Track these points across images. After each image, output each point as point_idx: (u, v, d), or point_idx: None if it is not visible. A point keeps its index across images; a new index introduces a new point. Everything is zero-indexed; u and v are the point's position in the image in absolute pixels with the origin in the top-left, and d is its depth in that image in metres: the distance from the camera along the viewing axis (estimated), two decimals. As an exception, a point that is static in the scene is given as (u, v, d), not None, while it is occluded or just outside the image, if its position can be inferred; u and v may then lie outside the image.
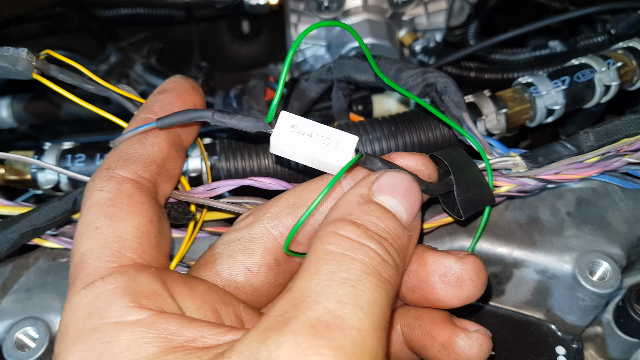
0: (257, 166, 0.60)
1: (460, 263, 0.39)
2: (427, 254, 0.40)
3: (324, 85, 0.66)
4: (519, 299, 0.57)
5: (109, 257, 0.35)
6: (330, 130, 0.37)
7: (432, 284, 0.39)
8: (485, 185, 0.46)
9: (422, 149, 0.61)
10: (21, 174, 0.61)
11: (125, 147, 0.41)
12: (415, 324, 0.41)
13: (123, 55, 0.85)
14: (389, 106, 0.82)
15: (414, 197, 0.37)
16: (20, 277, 0.54)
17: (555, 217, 0.56)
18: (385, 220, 0.35)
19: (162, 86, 0.46)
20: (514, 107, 0.63)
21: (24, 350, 0.49)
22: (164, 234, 0.40)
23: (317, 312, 0.29)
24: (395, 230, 0.35)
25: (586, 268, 0.52)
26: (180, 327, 0.32)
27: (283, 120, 0.37)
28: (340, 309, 0.29)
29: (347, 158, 0.37)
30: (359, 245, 0.33)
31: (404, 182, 0.37)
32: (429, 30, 0.91)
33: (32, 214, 0.48)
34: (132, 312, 0.32)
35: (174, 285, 0.36)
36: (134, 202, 0.38)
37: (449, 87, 0.54)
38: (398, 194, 0.36)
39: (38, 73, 0.48)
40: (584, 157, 0.51)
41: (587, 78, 0.65)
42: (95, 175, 0.39)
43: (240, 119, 0.38)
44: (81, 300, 0.33)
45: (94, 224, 0.36)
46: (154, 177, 0.41)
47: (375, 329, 0.30)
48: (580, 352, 0.53)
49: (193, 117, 0.40)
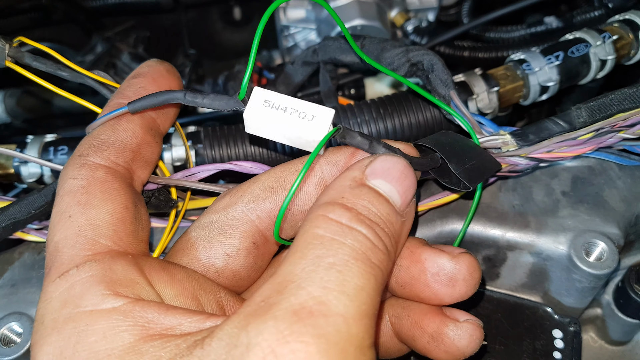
0: (243, 153, 0.58)
1: (454, 262, 0.37)
2: (419, 250, 0.38)
3: (309, 68, 0.65)
4: (514, 282, 0.55)
5: (84, 245, 0.34)
6: (306, 104, 0.36)
7: (424, 281, 0.38)
8: (485, 153, 0.44)
9: (412, 131, 0.59)
10: (4, 168, 0.60)
11: (98, 134, 0.40)
12: (404, 314, 0.40)
13: (109, 45, 0.84)
14: (382, 89, 0.80)
15: (409, 183, 0.35)
16: (5, 272, 0.53)
17: (550, 197, 0.54)
18: (377, 204, 0.33)
19: (137, 70, 0.45)
20: (506, 85, 0.61)
21: (10, 346, 0.49)
22: (141, 220, 0.39)
23: (301, 298, 0.28)
24: (388, 216, 0.34)
25: (582, 249, 0.51)
26: (157, 315, 0.31)
27: (256, 96, 0.36)
28: (325, 295, 0.28)
29: (323, 132, 0.35)
30: (348, 229, 0.31)
31: (398, 167, 0.35)
32: (421, 9, 0.89)
33: (11, 207, 0.47)
34: (107, 300, 0.31)
35: (152, 272, 0.35)
36: (108, 188, 0.37)
37: (436, 64, 0.52)
38: (392, 178, 0.35)
39: (11, 61, 0.47)
40: (577, 134, 0.49)
41: (582, 53, 0.63)
42: (68, 163, 0.38)
43: (212, 97, 0.37)
44: (56, 290, 0.32)
45: (67, 212, 0.35)
46: (129, 163, 0.40)
47: (362, 316, 0.29)
48: (577, 334, 0.51)
49: (165, 99, 0.39)
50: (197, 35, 1.07)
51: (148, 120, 0.42)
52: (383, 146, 0.37)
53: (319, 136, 0.35)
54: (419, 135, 0.60)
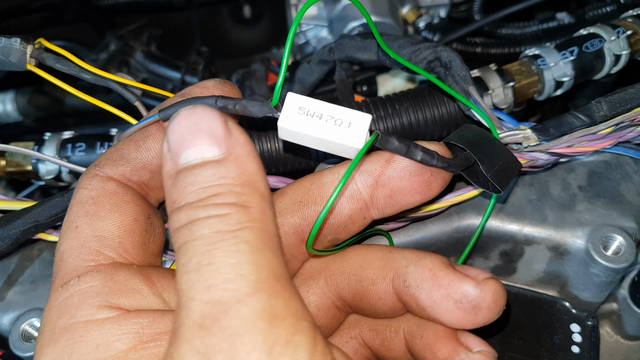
0: (260, 150, 0.59)
1: (478, 289, 0.35)
2: (442, 273, 0.36)
3: (326, 67, 0.65)
4: (531, 276, 0.56)
5: (87, 256, 0.34)
6: (341, 109, 0.35)
7: (446, 307, 0.36)
8: (506, 151, 0.44)
9: (428, 126, 0.59)
10: (22, 166, 0.61)
11: (121, 147, 0.39)
12: (418, 333, 0.39)
13: (122, 43, 0.84)
14: (394, 86, 0.80)
15: (206, 124, 0.30)
16: (25, 269, 0.53)
17: (567, 192, 0.54)
18: (197, 178, 0.29)
19: (188, 89, 0.42)
20: (521, 80, 0.61)
21: (31, 342, 0.49)
22: (154, 233, 0.38)
23: (196, 309, 0.26)
24: (214, 175, 0.29)
25: (600, 243, 0.51)
26: (152, 320, 0.31)
27: (290, 102, 0.35)
28: (214, 294, 0.26)
29: (361, 138, 0.34)
30: (191, 225, 0.29)
31: (184, 123, 0.30)
32: (433, 6, 0.89)
33: (35, 210, 0.47)
34: (102, 311, 0.31)
35: (161, 280, 0.35)
36: (117, 200, 0.36)
37: (454, 60, 0.52)
38: (190, 140, 0.30)
39: (33, 64, 0.47)
40: (597, 129, 0.49)
41: (596, 48, 0.63)
42: (85, 172, 0.38)
43: (244, 104, 0.37)
44: (57, 299, 0.33)
45: (75, 223, 0.35)
46: (144, 182, 0.39)
47: (259, 287, 0.27)
48: (595, 329, 0.51)
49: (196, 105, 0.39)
50: (206, 33, 1.08)
51: None
52: (421, 150, 0.36)
53: (356, 143, 0.35)
54: (435, 131, 0.60)
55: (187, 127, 0.30)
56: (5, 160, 0.61)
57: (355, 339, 0.43)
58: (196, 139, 0.30)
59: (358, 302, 0.41)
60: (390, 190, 0.39)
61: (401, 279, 0.38)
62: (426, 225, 0.53)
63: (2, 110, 0.91)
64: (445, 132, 0.60)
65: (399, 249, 0.40)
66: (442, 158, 0.37)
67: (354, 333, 0.43)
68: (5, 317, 0.51)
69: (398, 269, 0.38)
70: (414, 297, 0.37)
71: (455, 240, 0.54)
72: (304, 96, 0.35)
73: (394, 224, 0.51)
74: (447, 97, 0.59)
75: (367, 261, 0.40)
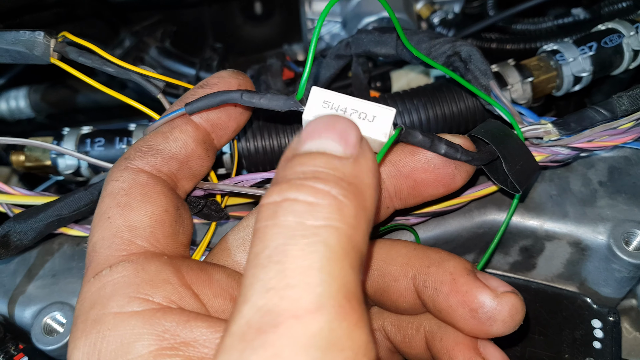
0: (278, 144, 0.58)
1: (495, 302, 0.35)
2: (463, 280, 0.36)
3: (342, 61, 0.65)
4: (551, 272, 0.55)
5: (119, 246, 0.34)
6: (365, 103, 0.35)
7: (461, 314, 0.36)
8: (527, 152, 0.44)
9: (446, 121, 0.59)
10: (40, 161, 0.61)
11: (149, 139, 0.40)
12: (438, 335, 0.39)
13: (137, 39, 0.84)
14: (408, 81, 0.80)
15: (342, 126, 0.29)
16: (46, 263, 0.54)
17: (587, 187, 0.54)
18: (310, 162, 0.28)
19: (206, 80, 0.43)
20: (539, 75, 0.61)
21: (53, 335, 0.49)
22: (183, 224, 0.39)
23: (246, 314, 0.23)
24: (326, 164, 0.28)
25: (621, 238, 0.51)
26: (176, 325, 0.30)
27: (314, 96, 0.35)
28: (270, 300, 0.23)
29: (385, 132, 0.35)
30: (279, 204, 0.26)
31: (323, 120, 0.30)
32: (447, 1, 0.89)
33: (58, 204, 0.47)
34: (132, 304, 0.31)
35: (190, 273, 0.35)
36: (148, 191, 0.37)
37: (474, 55, 0.52)
38: (320, 133, 0.29)
39: (56, 57, 0.47)
40: (618, 123, 0.49)
41: (615, 43, 0.63)
42: (115, 164, 0.39)
43: (269, 97, 0.37)
44: (89, 290, 0.33)
45: (107, 214, 0.36)
46: (173, 172, 0.40)
47: (323, 301, 0.23)
48: (617, 324, 0.51)
49: (222, 99, 0.39)
50: (218, 29, 1.08)
51: (202, 134, 0.41)
52: (445, 143, 0.37)
53: (380, 136, 0.35)
54: (453, 126, 0.60)
55: (322, 123, 0.30)
56: (25, 155, 0.61)
57: (379, 331, 0.43)
58: (325, 134, 0.29)
59: (379, 296, 0.41)
60: (414, 181, 0.39)
61: (422, 278, 0.38)
62: (446, 221, 0.53)
63: (15, 106, 0.91)
64: (464, 127, 0.60)
65: (423, 247, 0.40)
66: (466, 151, 0.37)
67: (377, 325, 0.43)
68: (27, 311, 0.51)
69: (420, 268, 0.38)
70: (432, 299, 0.37)
71: (475, 236, 0.53)
72: (328, 90, 0.35)
73: (414, 219, 0.51)
74: (466, 92, 0.59)
75: (391, 257, 0.40)
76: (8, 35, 0.46)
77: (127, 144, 0.59)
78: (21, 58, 0.47)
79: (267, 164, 0.59)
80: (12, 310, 0.51)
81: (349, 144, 0.29)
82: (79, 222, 0.51)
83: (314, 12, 0.88)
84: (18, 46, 0.47)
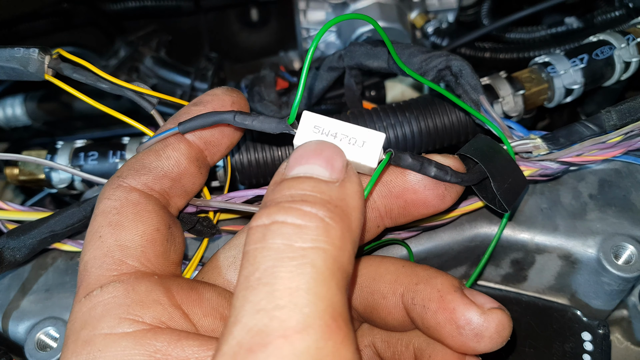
0: (271, 157, 0.59)
1: (482, 318, 0.35)
2: (450, 297, 0.36)
3: (335, 73, 0.65)
4: (541, 284, 0.56)
5: (110, 266, 0.35)
6: (355, 128, 0.36)
7: (449, 331, 0.36)
8: (516, 168, 0.44)
9: (438, 134, 0.59)
10: (34, 175, 0.61)
11: (142, 157, 0.40)
12: (426, 352, 0.39)
13: (132, 49, 0.84)
14: (402, 91, 0.81)
15: (328, 152, 0.31)
16: (39, 278, 0.54)
17: (578, 200, 0.55)
18: (298, 185, 0.30)
19: (200, 98, 0.43)
20: (531, 88, 0.62)
21: (46, 351, 0.50)
22: (174, 243, 0.39)
23: (237, 335, 0.25)
24: (313, 188, 0.29)
25: (611, 252, 0.51)
26: (167, 345, 0.31)
27: (305, 121, 0.36)
28: (260, 320, 0.24)
29: (375, 156, 0.35)
30: (268, 227, 0.27)
31: (310, 146, 0.32)
32: (441, 10, 0.89)
33: (51, 220, 0.48)
34: (122, 325, 0.32)
35: (180, 292, 0.35)
36: (140, 210, 0.37)
37: (465, 69, 0.52)
38: (307, 159, 0.31)
39: (50, 74, 0.47)
40: (607, 137, 0.49)
41: (606, 55, 0.63)
42: (107, 182, 0.39)
43: (262, 120, 0.37)
44: (80, 310, 0.33)
45: (98, 233, 0.36)
46: (166, 190, 0.40)
47: (310, 322, 0.24)
48: (606, 337, 0.52)
49: (215, 120, 0.39)
50: (214, 37, 1.08)
51: (195, 151, 0.42)
52: (434, 166, 0.37)
53: (370, 162, 0.35)
54: (445, 138, 0.60)
55: (310, 149, 0.32)
56: (19, 169, 0.62)
57: (369, 348, 0.43)
58: (313, 159, 0.31)
59: (369, 314, 0.41)
60: (405, 201, 0.40)
61: (410, 295, 0.38)
62: (438, 235, 0.53)
63: (12, 114, 0.91)
64: (455, 139, 0.60)
65: (412, 264, 0.40)
66: (456, 173, 0.37)
67: (367, 342, 0.43)
68: (21, 326, 0.51)
69: (408, 285, 0.39)
70: (420, 316, 0.38)
71: (466, 249, 0.54)
72: (319, 115, 0.36)
73: (405, 233, 0.51)
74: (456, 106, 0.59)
75: (379, 274, 0.41)
76: (2, 52, 0.47)
77: (121, 157, 0.59)
78: (15, 75, 0.48)
79: (261, 176, 0.59)
80: (5, 325, 0.51)
81: (335, 168, 0.31)
82: (72, 237, 0.51)
83: (309, 22, 0.89)
84: (12, 63, 0.47)
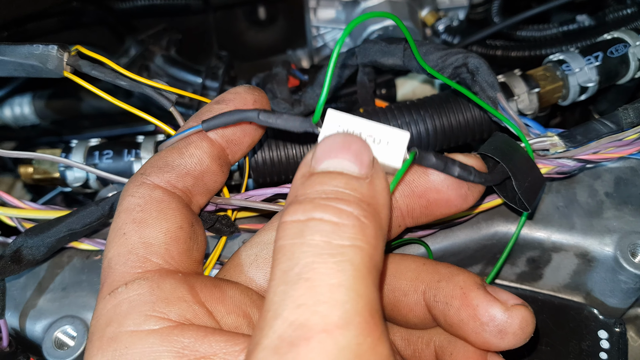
0: (285, 155, 0.59)
1: (506, 314, 0.35)
2: (473, 294, 0.36)
3: (348, 70, 0.65)
4: (557, 282, 0.56)
5: (135, 263, 0.35)
6: (380, 127, 0.35)
7: (472, 328, 0.36)
8: (534, 166, 0.44)
9: (453, 132, 0.59)
10: (49, 173, 0.61)
11: (165, 155, 0.40)
12: (448, 350, 0.39)
13: (142, 48, 0.84)
14: (412, 88, 0.80)
15: (356, 147, 0.31)
16: (56, 277, 0.54)
17: (594, 199, 0.54)
18: (329, 182, 0.30)
19: (222, 96, 0.43)
20: (546, 86, 0.61)
21: (64, 349, 0.50)
22: (197, 241, 0.39)
23: (278, 329, 0.25)
24: (346, 185, 0.30)
25: (628, 250, 0.51)
26: (194, 341, 0.31)
27: (330, 119, 0.35)
28: (302, 315, 0.25)
29: (400, 157, 0.35)
30: (305, 223, 0.28)
31: (338, 140, 0.32)
32: (452, 8, 0.89)
33: (69, 218, 0.48)
34: (149, 322, 0.32)
35: (203, 290, 0.35)
36: (164, 208, 0.37)
37: (481, 67, 0.52)
38: (336, 153, 0.31)
39: (69, 71, 0.47)
40: (624, 135, 0.49)
41: (621, 53, 0.63)
42: (130, 179, 0.39)
43: (285, 118, 0.37)
44: (105, 307, 0.33)
45: (122, 230, 0.36)
46: (188, 188, 0.40)
47: (351, 317, 0.25)
48: (623, 335, 0.51)
49: (238, 118, 0.39)
50: (222, 35, 1.08)
51: (217, 149, 0.41)
52: (458, 166, 0.37)
53: (395, 161, 0.35)
54: (459, 136, 0.60)
55: (338, 142, 0.31)
56: (33, 167, 0.62)
57: None
58: (342, 154, 0.31)
59: (389, 311, 0.41)
60: (427, 201, 0.40)
61: (432, 293, 0.38)
62: (454, 233, 0.53)
63: (20, 113, 0.92)
64: (470, 137, 0.60)
65: (433, 262, 0.40)
66: (479, 173, 0.37)
67: None
68: (38, 325, 0.51)
69: (430, 283, 0.39)
70: (443, 313, 0.37)
71: (483, 248, 0.54)
72: (344, 113, 0.36)
73: (422, 232, 0.51)
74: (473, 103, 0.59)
75: (400, 271, 0.41)
76: (21, 49, 0.47)
77: (136, 156, 0.59)
78: (34, 72, 0.48)
79: (275, 174, 0.59)
80: (23, 324, 0.51)
81: (364, 164, 0.31)
82: (89, 236, 0.51)
83: (319, 20, 0.88)
84: (32, 60, 0.47)
